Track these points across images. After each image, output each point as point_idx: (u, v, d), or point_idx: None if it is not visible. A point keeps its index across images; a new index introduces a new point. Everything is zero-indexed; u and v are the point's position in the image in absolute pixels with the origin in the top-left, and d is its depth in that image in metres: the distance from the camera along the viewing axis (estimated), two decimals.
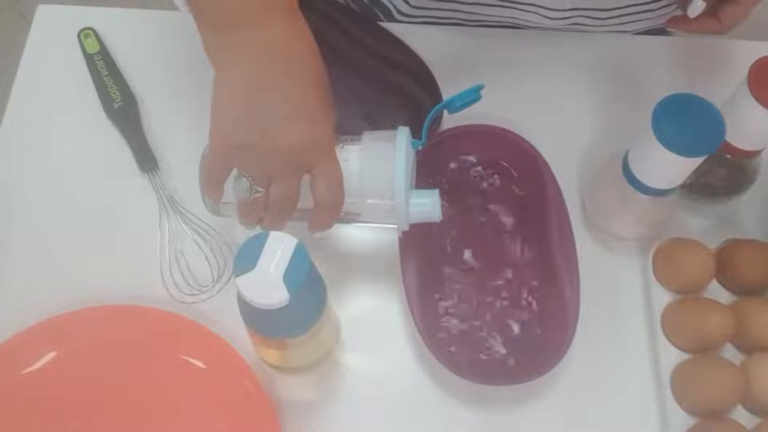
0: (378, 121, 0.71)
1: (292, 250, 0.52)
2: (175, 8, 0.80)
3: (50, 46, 0.78)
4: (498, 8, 0.78)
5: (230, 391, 0.63)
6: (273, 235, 0.53)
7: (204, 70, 0.76)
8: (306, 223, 0.60)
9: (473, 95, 0.61)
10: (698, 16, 0.67)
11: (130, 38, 0.78)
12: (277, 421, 0.62)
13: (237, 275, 0.52)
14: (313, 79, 0.55)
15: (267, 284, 0.52)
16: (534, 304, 0.68)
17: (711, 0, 0.67)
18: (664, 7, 0.78)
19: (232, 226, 0.68)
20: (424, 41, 0.77)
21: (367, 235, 0.71)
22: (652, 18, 0.80)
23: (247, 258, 0.52)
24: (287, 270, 0.52)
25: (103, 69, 0.75)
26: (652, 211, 0.68)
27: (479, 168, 0.73)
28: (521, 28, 0.81)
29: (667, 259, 0.68)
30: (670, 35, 0.87)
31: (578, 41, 0.81)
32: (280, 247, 0.52)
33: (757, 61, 0.61)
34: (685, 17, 0.68)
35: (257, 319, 0.56)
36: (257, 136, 0.54)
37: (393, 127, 0.61)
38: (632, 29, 0.82)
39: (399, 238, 0.67)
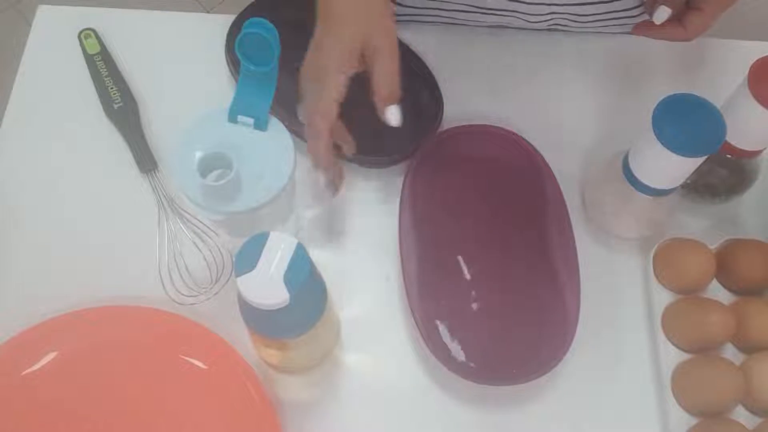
0: (378, 120, 0.71)
1: (292, 250, 0.52)
2: (175, 9, 0.80)
3: (50, 46, 0.78)
4: (479, 14, 0.78)
5: (230, 391, 0.63)
6: (273, 235, 0.53)
7: (204, 70, 0.77)
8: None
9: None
10: (664, 23, 0.67)
11: (130, 39, 0.78)
12: (277, 422, 0.62)
13: (237, 275, 0.52)
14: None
15: (267, 285, 0.51)
16: (534, 303, 0.68)
17: (676, 7, 0.67)
18: (644, 13, 0.78)
19: (231, 228, 0.68)
20: (424, 41, 0.77)
21: (368, 234, 0.71)
22: (633, 23, 0.80)
23: (247, 258, 0.52)
24: (287, 270, 0.52)
25: (104, 69, 0.75)
26: (652, 211, 0.68)
27: (479, 168, 0.73)
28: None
29: (667, 259, 0.68)
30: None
31: (579, 41, 0.81)
32: (280, 247, 0.52)
33: (757, 61, 0.61)
34: (651, 23, 0.68)
35: (258, 320, 0.56)
36: None
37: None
38: (615, 32, 0.82)
39: (399, 238, 0.67)
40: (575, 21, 0.79)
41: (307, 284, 0.53)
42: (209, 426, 0.63)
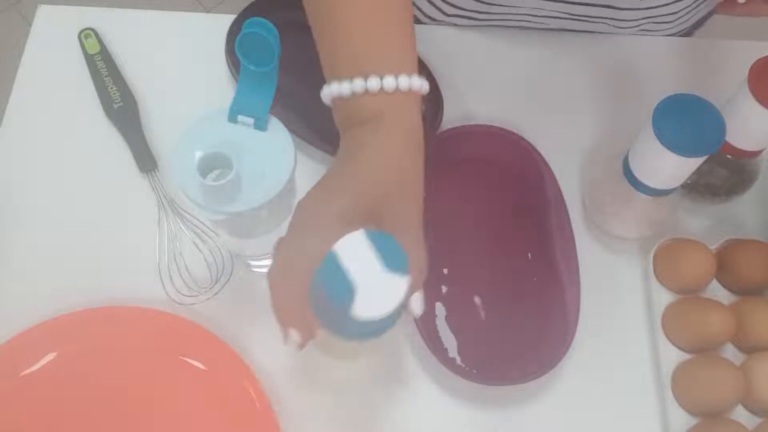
0: None
1: (366, 241, 0.44)
2: (175, 9, 0.80)
3: (50, 46, 0.78)
4: (570, 21, 0.78)
5: (230, 392, 0.63)
6: (338, 247, 0.44)
7: (204, 70, 0.77)
8: None
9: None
10: (747, 1, 0.67)
11: (130, 38, 0.78)
12: (276, 422, 0.62)
13: (355, 312, 0.43)
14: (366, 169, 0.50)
15: (381, 290, 0.44)
16: (534, 304, 0.68)
17: None
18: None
19: (231, 228, 0.68)
20: (424, 41, 0.77)
21: None
22: (707, 7, 0.80)
23: (338, 287, 0.43)
24: (383, 260, 0.44)
25: (103, 69, 0.75)
26: (652, 211, 0.68)
27: (479, 168, 0.73)
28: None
29: (667, 259, 0.68)
30: (669, 35, 0.87)
31: (579, 41, 0.81)
32: (355, 248, 0.44)
33: (757, 61, 0.61)
34: (733, 2, 0.68)
35: (367, 329, 0.47)
36: None
37: None
38: (690, 24, 0.82)
39: None
40: (664, 22, 0.79)
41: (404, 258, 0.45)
42: (208, 426, 0.62)
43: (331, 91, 0.52)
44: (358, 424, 0.64)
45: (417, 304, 0.50)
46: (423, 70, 0.75)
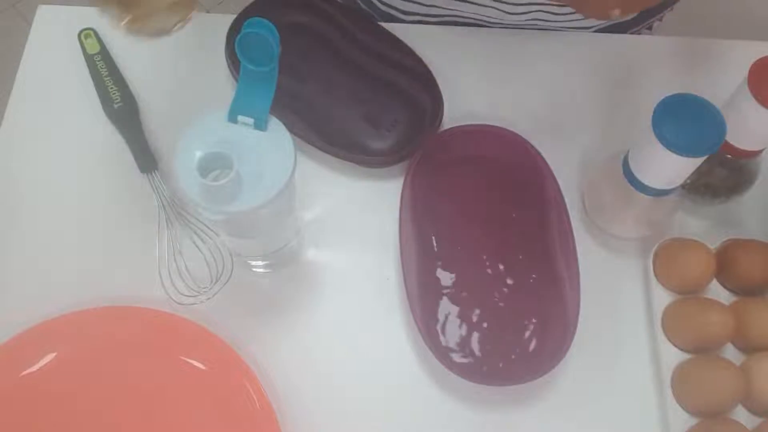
0: (378, 121, 0.71)
1: None
2: None
3: (50, 46, 0.78)
4: (459, 2, 0.78)
5: (230, 392, 0.63)
6: None
7: (204, 70, 0.77)
8: None
9: None
10: None
11: (130, 38, 0.78)
12: (276, 423, 0.62)
13: None
14: None
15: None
16: (534, 303, 0.68)
17: None
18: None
19: (231, 228, 0.68)
20: (424, 41, 0.77)
21: (368, 235, 0.71)
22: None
23: None
24: None
25: (103, 69, 0.75)
26: (652, 211, 0.68)
27: (479, 168, 0.73)
28: (483, 26, 0.81)
29: (667, 259, 0.68)
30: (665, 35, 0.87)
31: (578, 41, 0.81)
32: None
33: (757, 61, 0.61)
34: None
35: None
36: None
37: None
38: (594, 26, 0.82)
39: (400, 238, 0.67)
40: (554, 13, 0.78)
41: None
42: (208, 426, 0.62)
43: None
44: (358, 424, 0.64)
45: None
46: (423, 68, 0.75)
